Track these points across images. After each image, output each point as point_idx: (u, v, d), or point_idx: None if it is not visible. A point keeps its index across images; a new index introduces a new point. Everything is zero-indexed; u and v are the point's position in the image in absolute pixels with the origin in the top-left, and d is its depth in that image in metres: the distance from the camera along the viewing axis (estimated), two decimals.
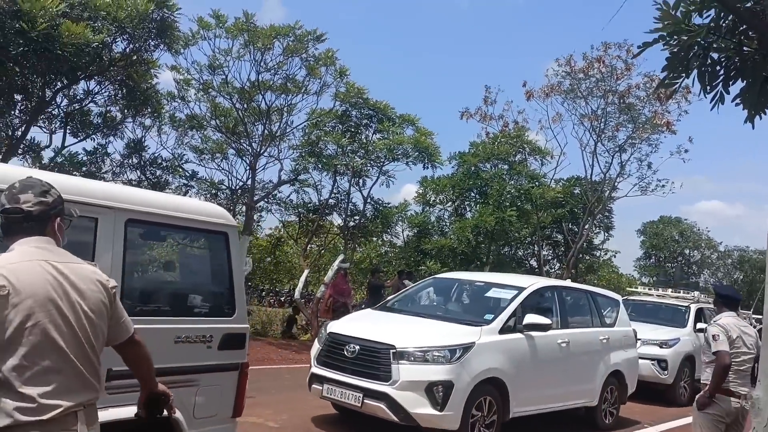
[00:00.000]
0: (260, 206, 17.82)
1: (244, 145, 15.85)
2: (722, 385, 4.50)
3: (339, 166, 18.38)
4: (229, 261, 4.11)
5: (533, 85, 22.95)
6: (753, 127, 4.63)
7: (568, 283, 8.95)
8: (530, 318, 6.64)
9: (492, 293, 7.30)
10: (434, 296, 8.15)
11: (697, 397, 4.78)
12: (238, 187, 16.52)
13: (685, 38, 4.48)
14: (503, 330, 6.49)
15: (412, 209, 24.77)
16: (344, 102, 17.83)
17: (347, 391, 6.08)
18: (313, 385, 6.48)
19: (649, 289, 15.24)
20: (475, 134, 25.92)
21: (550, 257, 27.63)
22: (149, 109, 14.03)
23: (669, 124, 21.29)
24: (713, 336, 4.64)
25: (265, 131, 15.72)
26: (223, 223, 4.17)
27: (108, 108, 13.68)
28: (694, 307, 11.76)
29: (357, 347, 6.16)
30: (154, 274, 4.92)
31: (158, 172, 14.89)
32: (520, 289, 7.07)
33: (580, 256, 25.13)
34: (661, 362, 10.33)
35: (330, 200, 19.67)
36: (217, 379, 3.90)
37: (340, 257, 18.45)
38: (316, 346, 6.75)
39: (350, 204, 19.88)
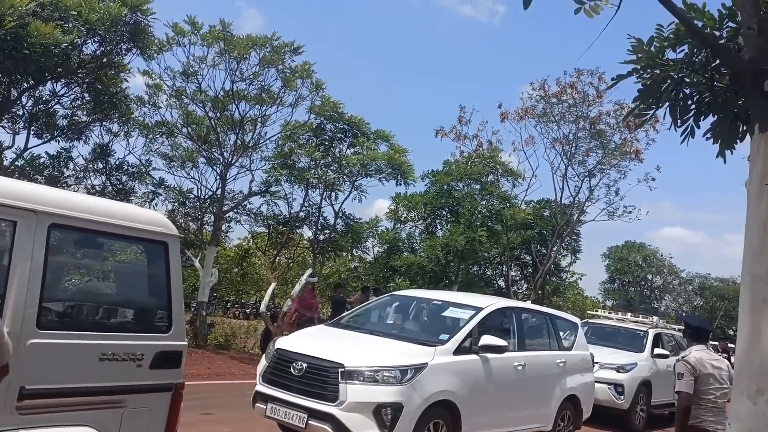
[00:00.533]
0: (229, 217, 17.54)
1: (216, 154, 15.62)
2: (696, 424, 4.39)
3: (311, 179, 18.23)
4: (167, 273, 3.86)
5: (508, 107, 23.19)
6: (725, 162, 4.67)
7: (527, 304, 8.73)
8: (486, 339, 6.46)
9: (449, 313, 7.16)
10: (391, 314, 7.91)
11: None
12: (207, 196, 16.26)
13: (658, 72, 4.52)
14: (458, 351, 6.30)
15: (384, 225, 24.72)
16: (319, 115, 17.75)
17: (292, 411, 5.81)
18: (257, 404, 6.20)
19: (609, 313, 15.21)
20: (449, 153, 26.05)
21: (518, 278, 27.80)
22: (117, 114, 13.73)
23: (638, 152, 21.71)
24: (678, 374, 4.56)
25: (238, 141, 15.52)
26: (163, 232, 3.91)
27: (74, 111, 13.35)
28: (652, 332, 11.70)
29: (304, 365, 5.89)
30: (81, 285, 4.59)
31: (124, 179, 14.55)
32: (478, 309, 6.91)
33: (547, 277, 25.32)
34: (618, 387, 10.21)
35: (300, 213, 19.47)
36: (148, 401, 3.65)
37: (309, 271, 18.24)
38: (262, 363, 6.49)
39: (321, 217, 19.72)
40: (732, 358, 12.40)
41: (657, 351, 11.11)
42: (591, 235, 61.47)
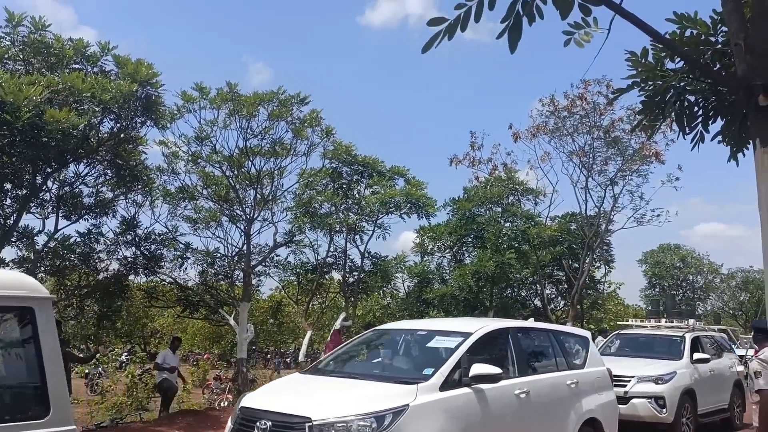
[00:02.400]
0: (258, 271, 17.71)
1: (237, 211, 15.86)
2: None
3: (334, 224, 18.40)
4: (37, 344, 3.21)
5: (519, 127, 23.20)
6: (737, 165, 4.62)
7: (524, 322, 7.87)
8: (477, 369, 5.65)
9: (435, 342, 6.36)
10: (372, 352, 7.16)
11: None
12: (234, 253, 16.45)
13: (660, 83, 4.52)
14: (446, 385, 5.51)
15: (411, 259, 24.71)
16: (333, 160, 17.99)
17: None
18: None
19: (641, 321, 14.63)
20: (466, 179, 26.05)
21: (553, 296, 27.38)
22: (140, 185, 14.07)
23: (658, 155, 21.47)
24: (755, 373, 4.44)
25: (257, 196, 15.76)
26: (26, 296, 3.29)
27: (99, 188, 13.73)
28: (689, 337, 11.05)
29: (269, 423, 5.16)
30: None
31: (153, 247, 14.82)
32: (466, 336, 6.13)
33: (584, 291, 24.90)
34: (659, 399, 9.53)
35: (328, 258, 19.59)
36: None
37: (342, 315, 18.24)
38: (228, 425, 5.77)
39: (348, 260, 19.80)
40: None
41: (697, 356, 10.56)
42: (624, 243, 60.53)
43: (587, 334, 8.22)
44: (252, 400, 5.75)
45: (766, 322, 5.26)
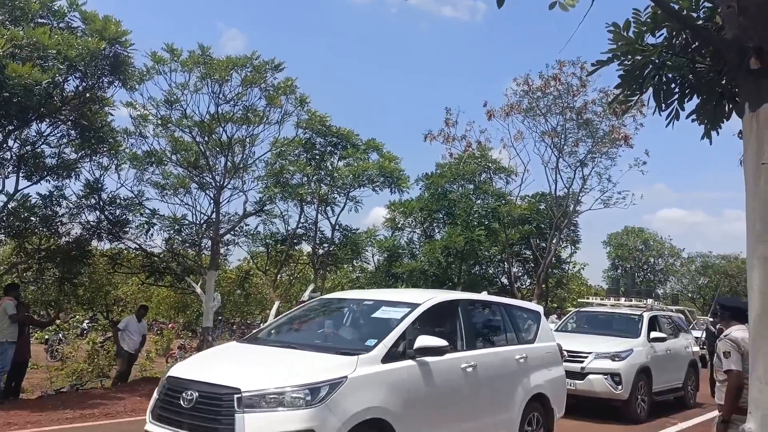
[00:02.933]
0: (227, 239, 17.48)
1: (207, 178, 15.57)
2: (740, 405, 4.13)
3: (305, 195, 18.23)
4: None
5: (493, 105, 23.26)
6: (711, 143, 4.66)
7: (475, 295, 7.67)
8: (422, 341, 5.44)
9: (381, 313, 6.08)
10: (316, 321, 6.85)
11: (714, 422, 4.51)
12: (202, 221, 16.18)
13: (639, 57, 4.50)
14: (388, 358, 5.29)
15: (382, 234, 24.74)
16: (307, 130, 17.76)
17: None
18: None
19: (601, 299, 14.65)
20: (439, 155, 26.08)
21: (520, 274, 27.77)
22: (106, 148, 13.68)
23: (627, 138, 21.75)
24: (724, 353, 4.38)
25: (228, 163, 15.49)
26: None
27: (62, 149, 13.30)
28: (647, 316, 11.16)
29: (195, 394, 4.85)
30: None
31: (118, 212, 14.48)
32: (413, 306, 5.91)
33: (550, 270, 25.28)
34: (615, 376, 9.60)
35: (298, 230, 19.45)
36: None
37: (311, 287, 18.19)
38: (154, 396, 5.40)
39: (318, 232, 19.69)
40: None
41: (653, 335, 10.66)
42: (590, 224, 61.54)
43: (539, 308, 8.09)
44: (180, 369, 5.44)
45: (733, 300, 5.29)
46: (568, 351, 9.47)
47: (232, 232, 17.32)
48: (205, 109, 14.87)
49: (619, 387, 9.58)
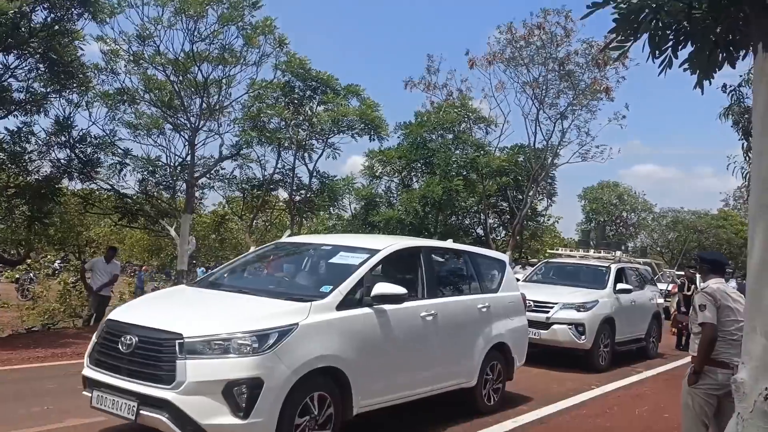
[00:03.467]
0: (202, 183, 17.22)
1: (182, 119, 15.18)
2: (712, 357, 4.29)
3: (283, 140, 17.94)
4: None
5: (476, 54, 22.84)
6: (702, 92, 4.55)
7: (439, 243, 7.43)
8: (380, 288, 5.25)
9: (338, 259, 5.84)
10: (272, 266, 6.58)
11: (686, 372, 4.49)
12: (177, 163, 15.86)
13: (635, 1, 4.35)
14: (344, 305, 5.09)
15: (359, 182, 24.60)
16: (286, 72, 17.33)
17: (120, 399, 4.53)
18: (85, 392, 4.93)
19: (571, 251, 14.58)
20: (419, 104, 25.77)
21: (496, 225, 28.00)
22: (75, 84, 13.16)
23: (608, 90, 21.66)
24: (699, 306, 4.36)
25: (203, 104, 15.08)
26: None
27: (30, 83, 12.75)
28: (614, 268, 11.11)
29: (134, 339, 4.61)
30: None
31: (89, 150, 14.06)
32: (372, 252, 5.68)
33: (525, 222, 25.51)
34: (579, 326, 9.65)
35: (275, 175, 19.22)
36: None
37: (287, 233, 18.10)
38: (93, 339, 5.12)
39: (296, 178, 19.49)
40: (696, 286, 12.17)
41: (619, 286, 10.68)
42: (566, 178, 62.09)
43: (505, 257, 7.98)
44: (120, 312, 5.15)
45: (713, 254, 5.27)
46: (534, 301, 9.57)
47: (207, 176, 17.06)
48: (180, 46, 14.38)
49: (583, 337, 9.65)
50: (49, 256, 27.89)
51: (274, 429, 4.46)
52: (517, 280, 12.81)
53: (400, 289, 5.34)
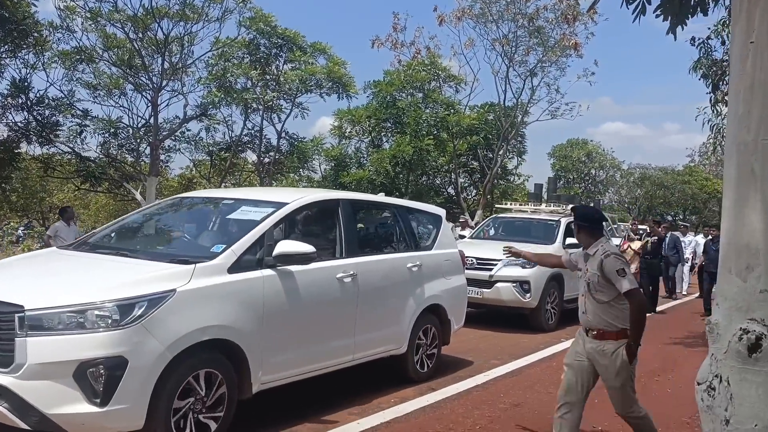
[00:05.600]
0: (168, 146, 16.79)
1: (143, 79, 14.69)
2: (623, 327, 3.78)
3: (250, 101, 17.53)
4: None
5: (444, 10, 22.47)
6: (675, 38, 4.54)
7: (365, 196, 6.81)
8: (283, 247, 4.56)
9: (239, 214, 5.07)
10: (163, 223, 5.70)
11: (616, 352, 3.77)
12: (140, 125, 15.41)
13: None
14: (239, 267, 4.36)
15: (329, 142, 24.32)
16: (250, 30, 16.84)
17: None
18: None
19: (521, 205, 13.56)
20: (388, 63, 25.36)
21: (466, 184, 28.05)
22: (31, 43, 12.63)
23: (577, 46, 21.56)
24: (619, 271, 3.72)
25: (165, 63, 14.60)
26: None
27: None
28: (564, 222, 10.43)
29: None
30: None
31: (47, 112, 13.58)
32: (278, 206, 4.92)
33: (496, 181, 25.61)
34: (524, 284, 9.07)
35: (243, 137, 18.85)
36: None
37: None
38: None
39: (264, 140, 19.15)
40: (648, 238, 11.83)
41: (569, 241, 9.86)
42: (536, 136, 62.30)
43: (441, 212, 7.21)
44: None
45: (590, 208, 4.39)
46: (477, 258, 9.17)
47: (172, 137, 16.63)
48: (138, 2, 13.81)
49: (528, 295, 9.09)
50: (12, 223, 27.20)
51: (143, 415, 3.72)
52: (462, 237, 12.26)
53: (306, 248, 4.63)
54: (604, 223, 3.90)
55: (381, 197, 6.72)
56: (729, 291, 2.19)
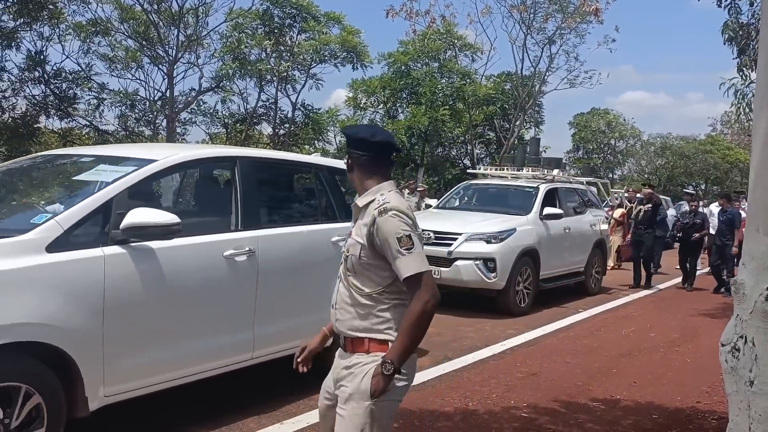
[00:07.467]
0: (184, 118, 16.83)
1: (159, 51, 14.67)
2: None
3: (264, 72, 17.45)
4: None
5: None
6: None
7: (273, 153, 5.81)
8: (135, 216, 3.38)
9: (91, 174, 3.81)
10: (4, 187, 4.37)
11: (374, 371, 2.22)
12: (156, 98, 15.44)
13: None
14: (65, 243, 3.19)
15: (344, 114, 24.18)
16: (264, 1, 16.70)
17: None
18: None
19: (497, 170, 11.63)
20: (402, 33, 25.03)
21: (482, 155, 27.84)
22: (46, 15, 12.63)
23: (597, 12, 21.08)
24: (400, 239, 2.16)
25: (181, 35, 14.55)
26: None
27: None
28: (543, 188, 9.26)
29: None
30: None
31: (64, 86, 13.64)
32: (142, 164, 3.73)
33: (512, 152, 25.37)
34: (488, 261, 7.76)
35: (258, 109, 18.82)
36: None
37: None
38: None
39: (279, 111, 19.10)
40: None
41: (548, 211, 8.86)
42: (555, 106, 61.10)
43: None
44: None
45: (381, 131, 2.69)
46: (434, 232, 7.90)
47: (189, 110, 16.66)
48: None
49: (493, 275, 7.76)
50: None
51: None
52: (428, 206, 11.23)
53: (166, 217, 3.49)
54: (391, 154, 2.46)
55: (300, 156, 5.69)
56: (756, 250, 2.15)
